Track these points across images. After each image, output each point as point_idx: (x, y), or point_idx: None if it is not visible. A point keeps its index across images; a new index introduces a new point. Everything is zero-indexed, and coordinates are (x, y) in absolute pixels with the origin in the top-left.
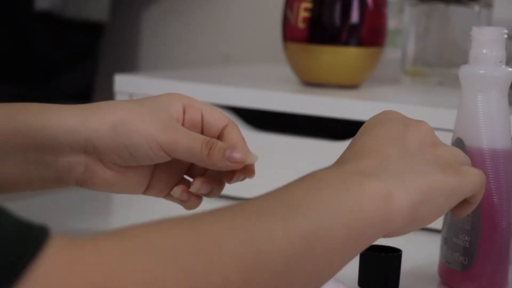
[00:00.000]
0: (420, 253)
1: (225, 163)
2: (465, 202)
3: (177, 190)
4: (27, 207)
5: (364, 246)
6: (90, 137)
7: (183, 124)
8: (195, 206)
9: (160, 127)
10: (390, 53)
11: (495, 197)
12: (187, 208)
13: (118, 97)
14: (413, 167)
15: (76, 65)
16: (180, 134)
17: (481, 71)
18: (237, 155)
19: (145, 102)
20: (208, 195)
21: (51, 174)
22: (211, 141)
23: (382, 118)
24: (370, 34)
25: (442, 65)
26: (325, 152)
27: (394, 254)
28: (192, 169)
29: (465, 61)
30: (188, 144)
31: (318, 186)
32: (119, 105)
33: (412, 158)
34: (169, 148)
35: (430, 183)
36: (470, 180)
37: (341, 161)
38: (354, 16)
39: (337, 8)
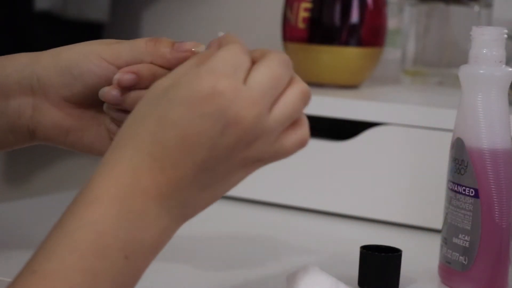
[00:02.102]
0: (420, 253)
1: (174, 54)
2: None
3: (104, 90)
4: (27, 207)
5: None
6: (35, 69)
7: None
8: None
9: (102, 43)
10: (390, 53)
11: (495, 197)
12: (128, 105)
13: None
14: (211, 181)
15: None
16: (122, 44)
17: (481, 71)
18: (187, 44)
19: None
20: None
21: (3, 121)
22: (154, 38)
23: (202, 103)
24: (370, 34)
25: (442, 65)
26: (325, 152)
27: (394, 254)
28: None
29: (465, 61)
30: (131, 44)
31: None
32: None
33: (214, 170)
34: (112, 56)
35: (225, 190)
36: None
37: (136, 158)
38: (354, 16)
39: (337, 8)
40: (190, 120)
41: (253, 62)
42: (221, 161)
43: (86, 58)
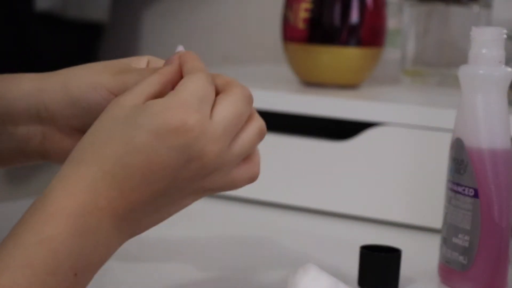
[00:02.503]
0: (420, 253)
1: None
2: None
3: None
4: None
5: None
6: (43, 98)
7: None
8: None
9: (109, 73)
10: (390, 53)
11: (494, 197)
12: None
13: None
14: (164, 205)
15: (76, 65)
16: (128, 75)
17: (481, 71)
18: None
19: (108, 61)
20: None
21: (13, 144)
22: (160, 69)
23: (171, 135)
24: (370, 34)
25: (441, 65)
26: (325, 152)
27: (394, 254)
28: None
29: (465, 61)
30: (137, 74)
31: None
32: (78, 66)
33: (169, 196)
34: (119, 90)
35: (175, 212)
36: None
37: (94, 177)
38: (354, 17)
39: (337, 9)
40: (157, 150)
41: (216, 90)
42: (177, 189)
43: (95, 91)
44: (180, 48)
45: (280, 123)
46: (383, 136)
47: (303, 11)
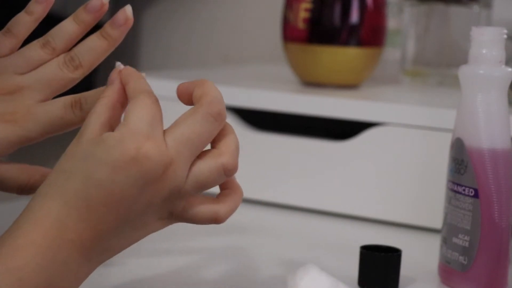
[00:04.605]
0: (420, 253)
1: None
2: None
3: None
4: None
5: None
6: None
7: None
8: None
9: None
10: (390, 53)
11: (494, 197)
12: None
13: None
14: (130, 230)
15: None
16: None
17: (481, 71)
18: (119, 16)
19: None
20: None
21: None
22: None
23: (127, 166)
24: (370, 34)
25: (442, 65)
26: (325, 152)
27: (394, 254)
28: None
29: (465, 61)
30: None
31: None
32: None
33: (134, 221)
34: (23, 141)
35: (143, 236)
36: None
37: (66, 204)
38: (354, 17)
39: (337, 9)
40: (115, 181)
41: (192, 101)
42: (140, 213)
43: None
44: (118, 65)
45: (280, 123)
46: (383, 136)
47: (303, 11)
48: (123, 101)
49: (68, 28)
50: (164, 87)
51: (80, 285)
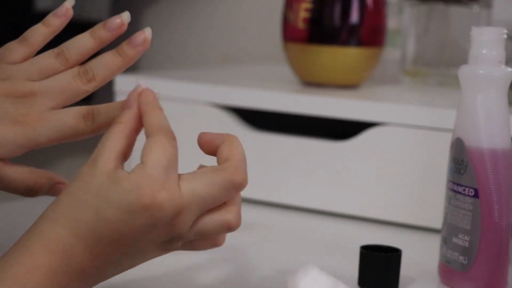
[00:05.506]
0: (420, 253)
1: (131, 50)
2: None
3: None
4: (26, 208)
5: None
6: None
7: None
8: None
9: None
10: (390, 53)
11: (494, 197)
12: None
13: (118, 97)
14: (129, 262)
15: None
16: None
17: (481, 71)
18: (138, 36)
19: None
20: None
21: None
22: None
23: (140, 212)
24: (370, 34)
25: (441, 65)
26: (325, 152)
27: (394, 254)
28: None
29: (465, 61)
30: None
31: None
32: None
33: (135, 254)
34: (32, 145)
35: (138, 264)
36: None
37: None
38: (354, 17)
39: (337, 8)
40: (127, 224)
41: (219, 156)
42: (141, 250)
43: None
44: (139, 85)
45: (280, 123)
46: (383, 136)
47: (303, 11)
48: (138, 129)
49: (84, 41)
50: (164, 87)
51: None
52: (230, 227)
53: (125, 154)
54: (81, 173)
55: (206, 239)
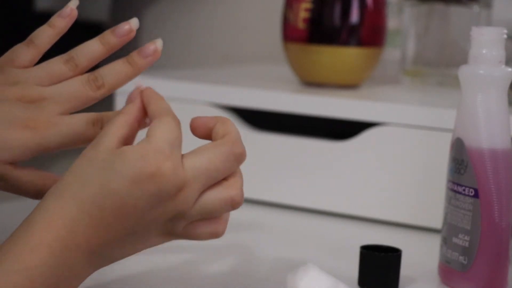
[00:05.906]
0: (420, 253)
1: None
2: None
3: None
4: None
5: None
6: None
7: None
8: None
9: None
10: (390, 53)
11: (494, 197)
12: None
13: (118, 97)
14: (134, 241)
15: None
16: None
17: (481, 71)
18: (149, 46)
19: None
20: None
21: None
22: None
23: (145, 181)
24: (370, 34)
25: (441, 65)
26: (325, 152)
27: (394, 254)
28: None
29: (465, 61)
30: (69, 125)
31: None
32: None
33: (138, 233)
34: (40, 149)
35: (143, 248)
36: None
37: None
38: (354, 16)
39: (337, 8)
40: (130, 194)
41: (215, 136)
42: (144, 228)
43: (14, 155)
44: (140, 85)
45: (280, 123)
46: (383, 136)
47: (303, 11)
48: (141, 120)
49: (93, 48)
50: (164, 87)
51: (78, 286)
52: (233, 203)
53: (127, 141)
54: (84, 153)
55: (208, 222)
